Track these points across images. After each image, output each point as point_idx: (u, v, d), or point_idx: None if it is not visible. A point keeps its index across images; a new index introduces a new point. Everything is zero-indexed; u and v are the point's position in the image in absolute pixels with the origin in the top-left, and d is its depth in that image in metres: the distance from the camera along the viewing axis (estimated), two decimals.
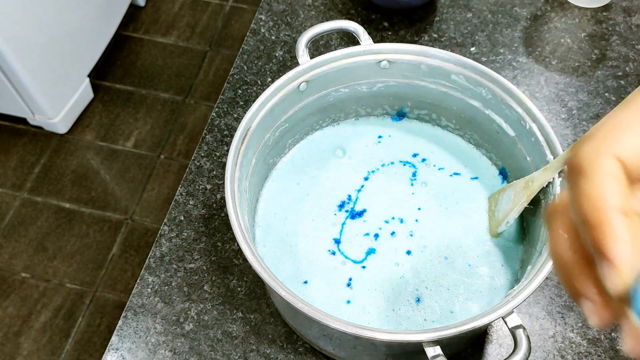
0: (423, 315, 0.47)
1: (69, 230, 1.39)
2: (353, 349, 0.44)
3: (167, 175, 1.47)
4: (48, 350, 1.24)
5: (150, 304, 0.52)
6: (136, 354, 0.50)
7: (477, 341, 0.51)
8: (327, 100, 0.53)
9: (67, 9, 1.38)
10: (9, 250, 1.36)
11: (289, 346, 0.51)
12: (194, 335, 0.51)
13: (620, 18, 0.70)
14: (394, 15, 0.70)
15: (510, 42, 0.68)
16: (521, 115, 0.47)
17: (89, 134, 1.53)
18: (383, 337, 0.37)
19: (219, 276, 0.54)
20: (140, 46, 1.69)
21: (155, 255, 0.55)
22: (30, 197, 1.43)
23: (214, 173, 0.59)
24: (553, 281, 0.53)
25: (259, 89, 0.65)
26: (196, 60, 1.66)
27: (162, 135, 1.53)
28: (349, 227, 0.51)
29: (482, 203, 0.52)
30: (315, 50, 0.67)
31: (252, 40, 0.69)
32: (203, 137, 0.62)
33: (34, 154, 1.50)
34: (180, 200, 0.58)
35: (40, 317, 1.28)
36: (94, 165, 1.49)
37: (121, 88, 1.61)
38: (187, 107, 1.58)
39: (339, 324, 0.38)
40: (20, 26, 1.25)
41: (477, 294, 0.47)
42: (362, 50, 0.50)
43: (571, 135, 0.61)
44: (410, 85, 0.52)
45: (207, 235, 0.56)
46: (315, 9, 0.71)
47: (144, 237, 1.38)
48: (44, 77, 1.36)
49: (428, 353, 0.38)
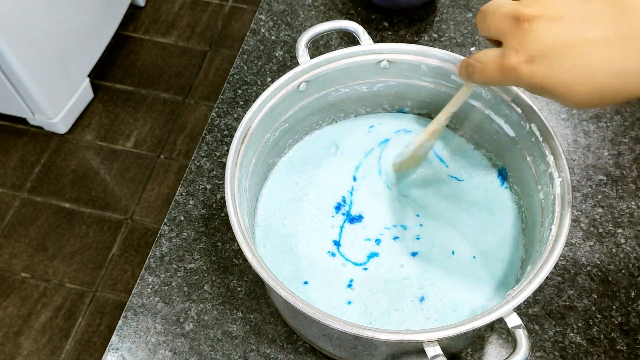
0: (426, 314, 0.47)
1: (69, 230, 1.39)
2: (353, 349, 0.44)
3: (167, 175, 1.47)
4: (48, 350, 1.24)
5: (150, 304, 0.52)
6: (136, 354, 0.50)
7: (477, 341, 0.51)
8: (327, 100, 0.53)
9: (67, 9, 1.38)
10: (9, 250, 1.36)
11: (289, 346, 0.51)
12: (194, 335, 0.51)
13: None
14: (394, 15, 0.70)
15: None
16: (521, 115, 0.47)
17: (89, 134, 1.53)
18: (383, 337, 0.37)
19: (219, 276, 0.54)
20: (140, 46, 1.69)
21: (155, 255, 0.55)
22: (30, 197, 1.44)
23: (214, 173, 0.59)
24: (553, 281, 0.53)
25: (259, 89, 0.65)
26: (196, 60, 1.67)
27: (162, 135, 1.53)
28: (349, 231, 0.51)
29: (482, 203, 0.52)
30: (315, 50, 0.67)
31: (252, 40, 0.69)
32: (203, 137, 0.62)
33: (33, 154, 1.50)
34: (180, 200, 0.58)
35: (40, 317, 1.28)
36: (94, 165, 1.49)
37: (121, 88, 1.61)
38: (187, 107, 1.58)
39: (339, 324, 0.38)
40: (20, 26, 1.25)
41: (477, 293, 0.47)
42: (362, 50, 0.50)
43: (571, 135, 0.61)
44: (410, 85, 0.52)
45: (207, 235, 0.56)
46: (315, 9, 0.71)
47: (144, 237, 1.38)
48: (44, 77, 1.36)
49: (428, 353, 0.38)
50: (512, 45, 0.36)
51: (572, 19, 0.34)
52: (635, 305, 0.52)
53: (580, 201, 0.57)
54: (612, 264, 0.54)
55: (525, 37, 0.35)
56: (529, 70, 0.35)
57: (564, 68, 0.34)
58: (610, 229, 0.56)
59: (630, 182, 0.58)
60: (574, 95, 0.35)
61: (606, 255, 0.54)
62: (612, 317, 0.52)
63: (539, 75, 0.35)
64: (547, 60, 0.34)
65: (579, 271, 0.54)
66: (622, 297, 0.52)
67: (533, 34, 0.34)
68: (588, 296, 0.53)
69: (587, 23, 0.33)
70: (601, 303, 0.52)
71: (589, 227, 0.56)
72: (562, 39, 0.34)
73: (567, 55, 0.34)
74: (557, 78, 0.34)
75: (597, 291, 0.53)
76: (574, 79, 0.34)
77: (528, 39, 0.35)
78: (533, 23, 0.34)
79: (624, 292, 0.53)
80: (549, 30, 0.34)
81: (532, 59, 0.35)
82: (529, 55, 0.35)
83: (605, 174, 0.59)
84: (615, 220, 0.56)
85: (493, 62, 0.37)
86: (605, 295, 0.53)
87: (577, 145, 0.61)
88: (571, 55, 0.34)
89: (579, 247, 0.55)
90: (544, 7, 0.35)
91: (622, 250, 0.55)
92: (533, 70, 0.35)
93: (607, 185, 0.58)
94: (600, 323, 0.51)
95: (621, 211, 0.57)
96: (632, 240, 0.55)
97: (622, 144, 0.61)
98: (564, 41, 0.34)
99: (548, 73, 0.34)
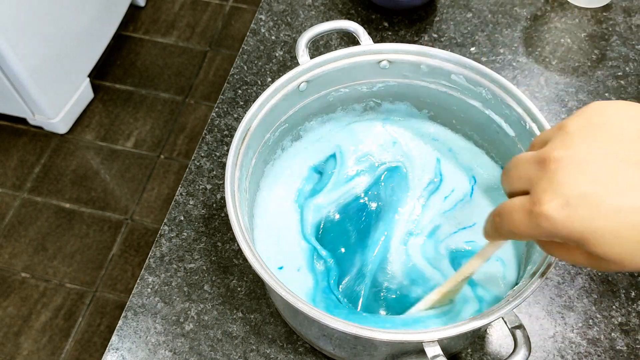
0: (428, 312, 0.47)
1: (69, 230, 1.39)
2: (353, 349, 0.44)
3: (167, 175, 1.47)
4: (48, 350, 1.24)
5: (150, 304, 0.52)
6: (136, 354, 0.50)
7: (477, 341, 0.51)
8: (327, 100, 0.53)
9: (67, 9, 1.38)
10: (9, 250, 1.36)
11: (289, 346, 0.51)
12: (194, 335, 0.51)
13: (620, 18, 0.70)
14: (394, 15, 0.70)
15: (510, 42, 0.68)
16: (521, 115, 0.47)
17: (89, 134, 1.53)
18: (383, 337, 0.37)
19: (219, 276, 0.54)
20: (140, 46, 1.69)
21: (155, 255, 0.55)
22: (30, 197, 1.44)
23: (214, 173, 0.59)
24: (553, 281, 0.53)
25: (259, 89, 0.65)
26: (196, 60, 1.66)
27: (162, 135, 1.53)
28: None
29: (481, 204, 0.52)
30: (315, 50, 0.67)
31: (252, 40, 0.69)
32: (203, 137, 0.62)
33: (34, 154, 1.50)
34: (180, 200, 0.58)
35: (40, 317, 1.28)
36: (94, 165, 1.49)
37: (121, 88, 1.61)
38: (187, 107, 1.58)
39: (339, 324, 0.38)
40: (20, 26, 1.25)
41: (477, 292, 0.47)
42: (362, 50, 0.50)
43: None
44: (410, 85, 0.52)
45: (207, 235, 0.56)
46: (315, 9, 0.71)
47: (144, 237, 1.38)
48: (44, 77, 1.36)
49: (428, 353, 0.38)
50: (541, 188, 0.29)
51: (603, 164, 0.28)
52: (635, 305, 0.52)
53: None
54: None
55: (555, 178, 0.29)
56: (565, 215, 0.28)
57: (609, 207, 0.28)
58: None
59: None
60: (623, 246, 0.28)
61: None
62: (612, 317, 0.52)
63: (577, 220, 0.28)
64: (586, 200, 0.28)
65: (579, 271, 0.54)
66: (622, 297, 0.52)
67: (566, 174, 0.29)
68: (588, 296, 0.53)
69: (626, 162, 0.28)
70: (601, 303, 0.52)
71: None
72: (600, 181, 0.28)
73: (610, 192, 0.28)
74: (602, 224, 0.28)
75: (597, 291, 0.53)
76: (622, 220, 0.28)
77: (560, 179, 0.29)
78: (562, 162, 0.29)
79: (624, 292, 0.53)
80: (588, 166, 0.28)
81: (568, 202, 0.28)
82: (563, 196, 0.28)
83: None
84: None
85: (521, 209, 0.31)
86: (605, 295, 0.53)
87: None
88: (613, 191, 0.28)
89: None
90: (575, 147, 0.29)
91: None
92: (569, 216, 0.28)
93: None
94: (600, 323, 0.51)
95: None
96: None
97: None
98: (604, 183, 0.28)
99: (588, 216, 0.28)
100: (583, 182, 0.28)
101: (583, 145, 0.29)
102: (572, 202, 0.28)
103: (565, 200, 0.28)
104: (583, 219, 0.28)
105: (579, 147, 0.29)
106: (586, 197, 0.28)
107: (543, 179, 0.29)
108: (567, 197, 0.28)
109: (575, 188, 0.28)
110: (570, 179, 0.28)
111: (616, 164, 0.28)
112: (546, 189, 0.29)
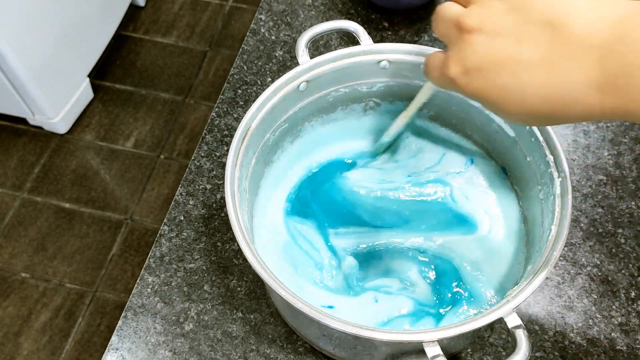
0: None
1: (69, 230, 1.39)
2: (353, 349, 0.44)
3: (167, 175, 1.47)
4: (48, 350, 1.24)
5: (150, 304, 0.53)
6: (136, 354, 0.50)
7: (477, 341, 0.51)
8: (327, 100, 0.53)
9: (67, 9, 1.38)
10: (9, 250, 1.36)
11: (289, 346, 0.51)
12: (194, 335, 0.51)
13: None
14: (394, 15, 0.70)
15: None
16: None
17: (89, 134, 1.53)
18: (383, 337, 0.37)
19: (219, 276, 0.54)
20: (140, 46, 1.69)
21: (155, 255, 0.55)
22: (30, 197, 1.44)
23: (214, 173, 0.59)
24: (553, 281, 0.53)
25: (259, 89, 0.65)
26: (196, 60, 1.67)
27: (162, 135, 1.53)
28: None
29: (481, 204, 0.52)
30: (315, 50, 0.67)
31: (252, 40, 0.69)
32: (203, 137, 0.62)
33: (34, 154, 1.50)
34: (180, 200, 0.58)
35: (40, 317, 1.28)
36: (93, 165, 1.49)
37: (121, 88, 1.61)
38: (187, 107, 1.58)
39: (339, 324, 0.38)
40: (20, 26, 1.25)
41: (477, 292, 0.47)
42: (362, 50, 0.50)
43: (571, 135, 0.61)
44: (410, 85, 0.52)
45: (207, 235, 0.56)
46: (315, 9, 0.71)
47: (144, 237, 1.38)
48: (44, 77, 1.36)
49: (428, 353, 0.38)
50: (452, 55, 0.36)
51: (510, 37, 0.34)
52: (635, 306, 0.52)
53: (580, 201, 0.57)
54: (612, 264, 0.54)
55: (463, 49, 0.35)
56: (465, 82, 0.36)
57: (497, 85, 0.34)
58: (610, 229, 0.56)
59: (630, 182, 0.58)
60: (506, 113, 0.35)
61: (606, 255, 0.54)
62: (612, 317, 0.52)
63: (472, 88, 0.35)
64: (482, 74, 0.35)
65: (579, 271, 0.54)
66: (622, 297, 0.52)
67: (470, 47, 0.35)
68: (588, 296, 0.53)
69: (523, 44, 0.33)
70: (601, 303, 0.52)
71: (588, 227, 0.56)
72: (498, 56, 0.34)
73: (500, 72, 0.34)
74: (490, 93, 0.35)
75: (597, 291, 0.53)
76: (506, 97, 0.34)
77: (466, 51, 0.35)
78: (472, 35, 0.35)
79: (624, 292, 0.53)
80: (486, 46, 0.34)
81: (468, 71, 0.35)
82: (465, 67, 0.35)
83: (605, 174, 0.59)
84: (615, 220, 0.56)
85: (438, 69, 0.38)
86: (605, 295, 0.53)
87: (577, 145, 0.61)
88: (504, 73, 0.34)
89: (579, 247, 0.55)
90: (485, 21, 0.34)
91: (622, 250, 0.55)
92: (468, 83, 0.35)
93: (607, 185, 0.58)
94: (600, 323, 0.51)
95: (621, 211, 0.57)
96: (632, 240, 0.55)
97: (622, 144, 0.61)
98: (499, 58, 0.34)
99: (482, 87, 0.35)
100: (482, 58, 0.34)
101: (496, 19, 0.34)
102: (471, 73, 0.35)
103: (466, 70, 0.35)
104: (478, 88, 0.35)
105: (492, 21, 0.34)
106: (481, 71, 0.34)
107: (456, 45, 0.36)
108: (468, 68, 0.35)
109: (475, 61, 0.35)
110: (473, 53, 0.35)
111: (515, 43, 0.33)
112: (453, 57, 0.36)
